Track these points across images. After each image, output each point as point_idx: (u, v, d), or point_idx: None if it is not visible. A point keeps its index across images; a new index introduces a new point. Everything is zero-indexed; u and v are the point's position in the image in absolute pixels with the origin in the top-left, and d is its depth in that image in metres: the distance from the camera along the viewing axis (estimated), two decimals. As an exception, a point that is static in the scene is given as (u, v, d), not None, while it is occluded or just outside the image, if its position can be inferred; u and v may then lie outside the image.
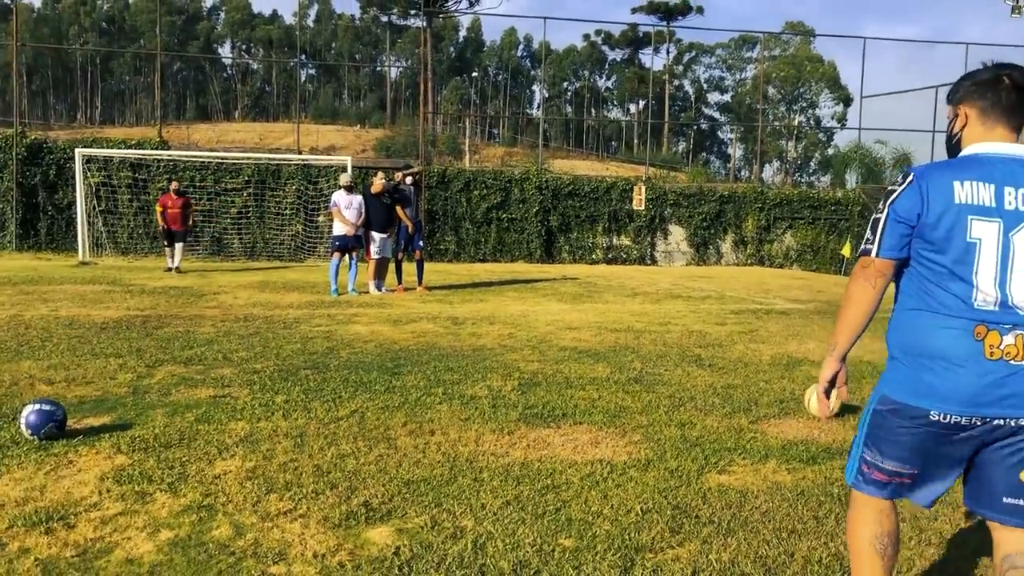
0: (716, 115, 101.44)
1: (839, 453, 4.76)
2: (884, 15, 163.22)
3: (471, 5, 75.16)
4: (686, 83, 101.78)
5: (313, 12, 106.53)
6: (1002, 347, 2.24)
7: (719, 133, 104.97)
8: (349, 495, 3.86)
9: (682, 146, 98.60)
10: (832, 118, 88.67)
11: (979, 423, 2.27)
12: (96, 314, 9.74)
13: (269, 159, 23.28)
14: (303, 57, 66.94)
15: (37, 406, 4.57)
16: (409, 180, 13.59)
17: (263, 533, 3.41)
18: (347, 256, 12.98)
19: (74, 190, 19.55)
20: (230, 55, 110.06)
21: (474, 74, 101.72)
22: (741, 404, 5.92)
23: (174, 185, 16.85)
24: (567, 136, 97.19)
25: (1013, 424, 2.26)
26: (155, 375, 6.42)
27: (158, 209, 16.71)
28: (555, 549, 3.32)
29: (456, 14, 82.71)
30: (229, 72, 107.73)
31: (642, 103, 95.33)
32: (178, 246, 16.56)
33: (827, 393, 2.59)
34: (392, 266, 13.55)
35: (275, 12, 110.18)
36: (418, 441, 4.78)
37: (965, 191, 2.28)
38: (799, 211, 26.29)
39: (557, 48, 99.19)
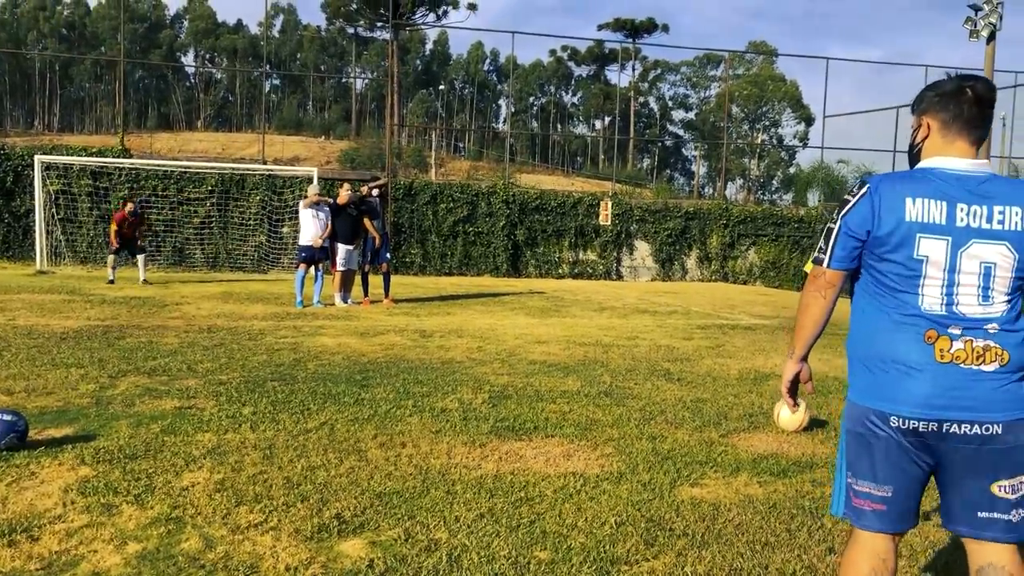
0: (680, 132, 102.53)
1: (809, 466, 4.80)
2: (845, 36, 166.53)
3: (438, 18, 75.37)
4: (651, 100, 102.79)
5: (279, 22, 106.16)
6: (952, 351, 2.28)
7: (683, 150, 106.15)
8: (320, 507, 3.80)
9: (647, 162, 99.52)
10: (794, 137, 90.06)
11: (934, 428, 2.28)
12: (55, 324, 9.55)
13: (233, 169, 23.04)
14: (268, 67, 66.57)
15: (-3, 416, 4.45)
16: (376, 192, 13.51)
17: (234, 546, 3.35)
18: (313, 268, 12.86)
19: (32, 198, 19.17)
20: (193, 64, 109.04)
21: (440, 87, 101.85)
22: (711, 418, 5.95)
23: (129, 206, 16.30)
24: (533, 151, 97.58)
25: (968, 431, 2.26)
26: (118, 386, 6.30)
27: (113, 227, 16.18)
28: (530, 562, 3.30)
29: (423, 27, 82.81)
30: (192, 81, 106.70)
31: (607, 119, 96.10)
32: (140, 258, 16.29)
33: (792, 393, 2.67)
34: (358, 278, 13.46)
35: (240, 22, 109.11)
36: (389, 453, 4.73)
37: (916, 208, 2.30)
38: (763, 228, 26.60)
39: (524, 63, 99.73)
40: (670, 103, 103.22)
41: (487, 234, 23.95)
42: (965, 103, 2.38)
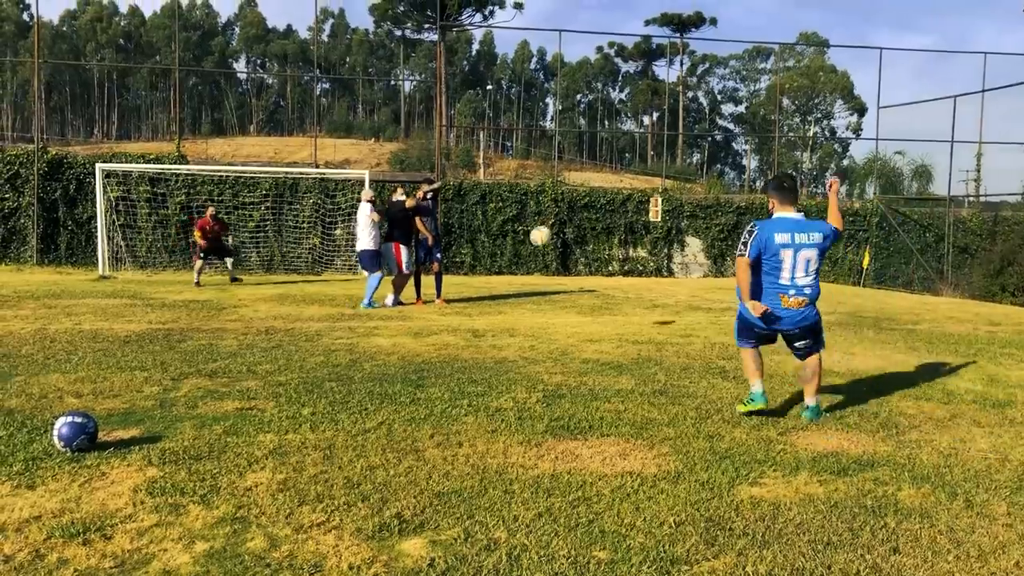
0: (730, 126, 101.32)
1: (870, 465, 4.73)
2: (895, 24, 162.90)
3: (484, 19, 75.50)
4: (700, 94, 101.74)
5: (328, 27, 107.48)
6: (792, 301, 5.60)
7: (733, 144, 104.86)
8: (381, 507, 3.86)
9: (696, 158, 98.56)
10: (847, 128, 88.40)
11: (779, 329, 5.79)
12: (119, 327, 9.80)
13: (287, 173, 23.40)
14: (318, 71, 67.40)
15: (69, 418, 4.60)
16: (430, 194, 13.58)
17: (298, 545, 3.42)
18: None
19: (94, 205, 19.72)
20: (245, 70, 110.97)
21: (488, 87, 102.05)
22: (768, 416, 5.89)
23: (211, 210, 17.48)
24: (580, 148, 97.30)
25: (795, 330, 5.76)
26: (181, 388, 6.45)
27: (198, 233, 17.17)
28: (590, 561, 3.31)
29: (470, 27, 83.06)
30: (244, 87, 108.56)
31: (656, 115, 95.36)
32: (228, 260, 17.64)
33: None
34: (410, 279, 13.56)
35: (289, 27, 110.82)
36: (446, 453, 4.77)
37: (781, 235, 5.52)
38: (816, 222, 26.16)
39: (570, 60, 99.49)
40: (719, 97, 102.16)
41: (537, 233, 23.96)
42: (781, 188, 5.76)
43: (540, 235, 12.40)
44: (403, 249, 13.03)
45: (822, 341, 5.93)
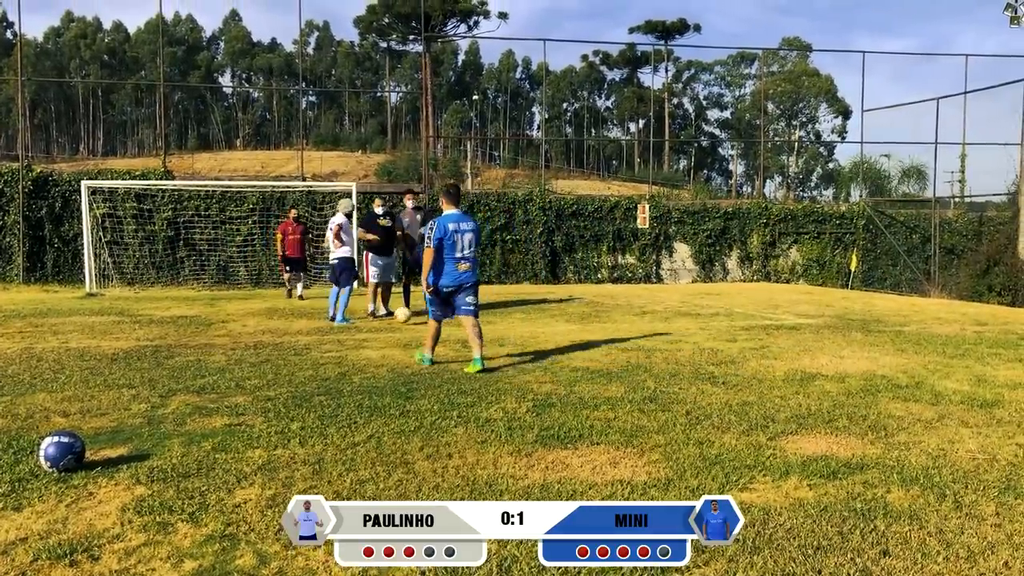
0: (716, 132, 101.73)
1: (859, 468, 4.74)
2: (876, 28, 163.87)
3: (469, 29, 75.74)
4: (685, 101, 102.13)
5: (313, 39, 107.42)
6: (463, 266, 8.11)
7: (720, 150, 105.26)
8: (371, 521, 3.83)
9: (683, 164, 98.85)
10: (832, 132, 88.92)
11: (456, 287, 8.13)
12: (106, 345, 9.75)
13: (274, 187, 23.35)
14: (304, 84, 67.37)
15: (55, 438, 4.57)
16: (414, 205, 13.57)
17: (287, 562, 3.40)
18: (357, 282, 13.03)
19: (80, 222, 19.63)
20: (231, 84, 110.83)
21: (474, 97, 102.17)
22: (758, 421, 5.90)
23: (293, 213, 17.80)
24: (568, 156, 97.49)
25: (468, 285, 8.17)
26: (169, 405, 6.42)
27: (278, 236, 17.44)
28: (581, 571, 3.30)
29: (455, 38, 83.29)
30: (230, 101, 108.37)
31: (642, 122, 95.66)
32: (302, 275, 17.57)
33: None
34: (389, 291, 13.56)
35: (274, 40, 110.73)
36: (436, 465, 4.76)
37: (451, 225, 8.08)
38: (804, 226, 26.29)
39: (555, 69, 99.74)
40: (705, 103, 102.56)
41: (525, 241, 24.00)
42: (448, 193, 8.43)
43: None
44: (371, 258, 13.12)
45: (479, 308, 8.46)
